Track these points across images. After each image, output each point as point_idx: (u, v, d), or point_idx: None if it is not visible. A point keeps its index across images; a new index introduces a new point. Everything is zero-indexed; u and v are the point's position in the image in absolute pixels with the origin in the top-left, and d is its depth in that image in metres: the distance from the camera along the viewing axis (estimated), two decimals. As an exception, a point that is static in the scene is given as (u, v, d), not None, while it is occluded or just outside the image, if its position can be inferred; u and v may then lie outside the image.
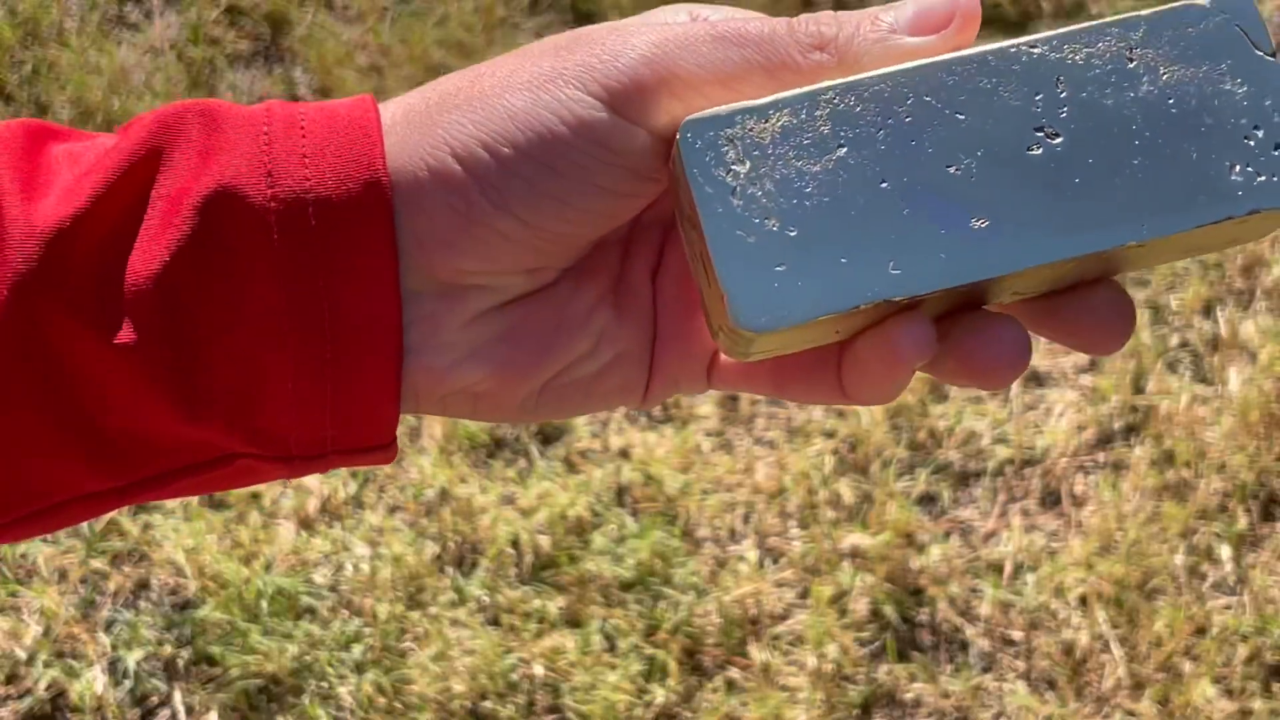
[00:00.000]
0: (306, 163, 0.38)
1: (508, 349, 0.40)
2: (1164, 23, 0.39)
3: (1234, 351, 1.52)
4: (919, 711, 1.36)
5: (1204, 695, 1.33)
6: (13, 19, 1.77)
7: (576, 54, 0.39)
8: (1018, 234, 0.38)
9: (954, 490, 1.48)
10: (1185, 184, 0.38)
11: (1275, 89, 0.39)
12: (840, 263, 0.37)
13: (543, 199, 0.38)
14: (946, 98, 0.38)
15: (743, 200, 0.38)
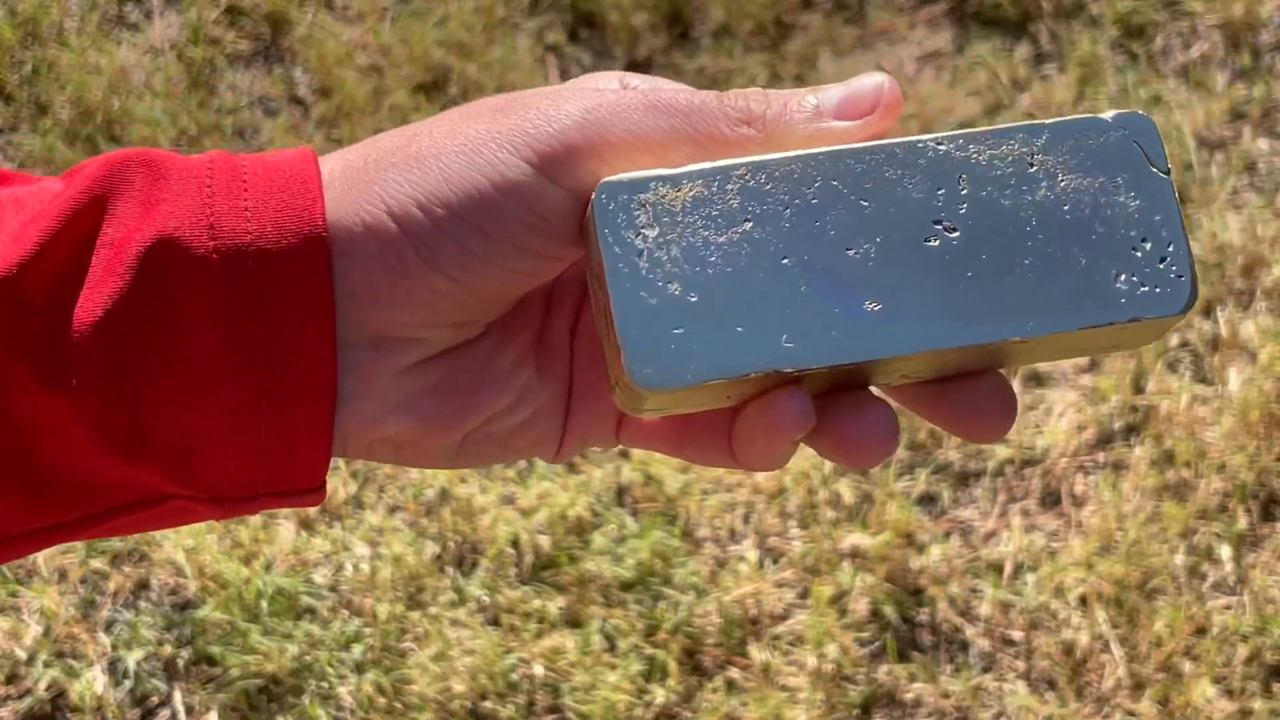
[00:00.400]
0: (248, 216, 0.39)
1: (434, 402, 0.42)
2: (1067, 132, 0.41)
3: (1234, 351, 1.52)
4: (919, 711, 1.36)
5: (1204, 695, 1.33)
6: (13, 19, 1.77)
7: (511, 118, 0.40)
8: (908, 320, 0.40)
9: (954, 490, 1.48)
10: (1072, 287, 0.40)
11: (1166, 205, 0.41)
12: (736, 331, 0.39)
13: (472, 259, 0.40)
14: (853, 184, 0.40)
15: (649, 263, 0.40)
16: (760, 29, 1.77)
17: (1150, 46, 1.74)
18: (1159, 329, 0.41)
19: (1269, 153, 1.67)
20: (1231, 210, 1.62)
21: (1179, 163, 1.65)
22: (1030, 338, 0.40)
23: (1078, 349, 0.43)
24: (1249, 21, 1.73)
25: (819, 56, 1.76)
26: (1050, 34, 1.75)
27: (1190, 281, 0.41)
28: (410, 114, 1.69)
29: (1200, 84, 1.70)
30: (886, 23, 1.78)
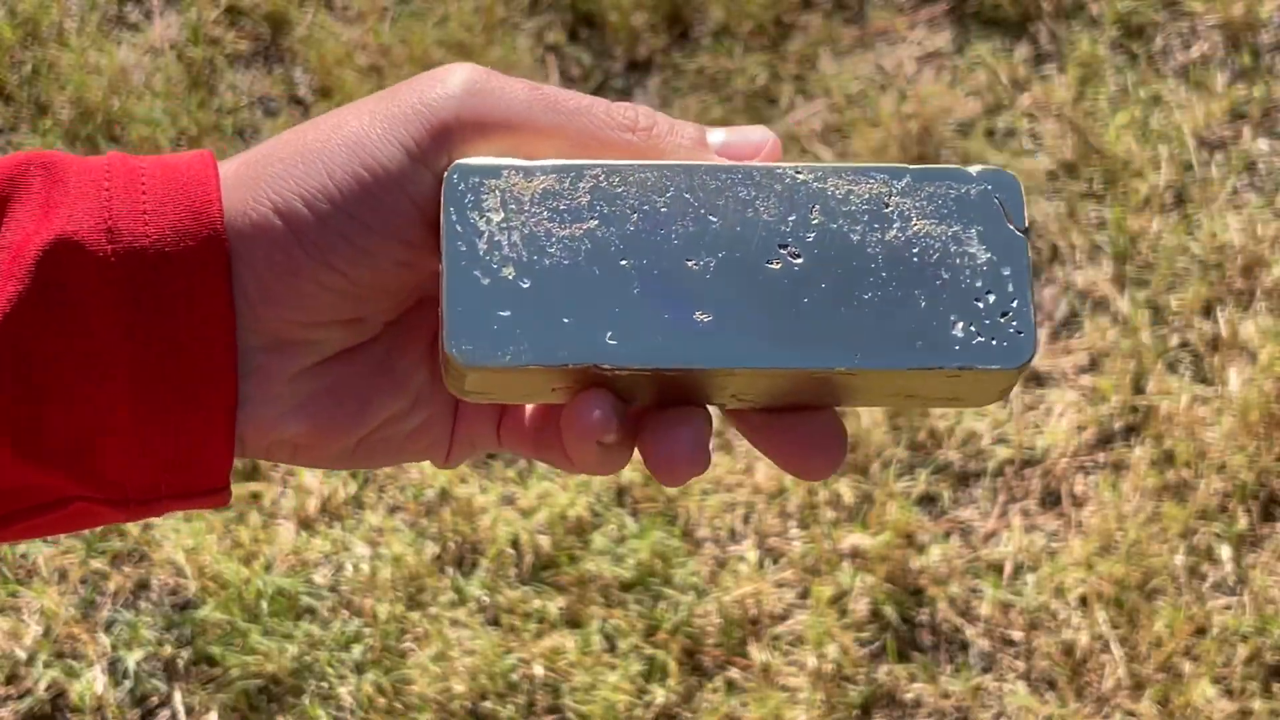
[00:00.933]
0: (146, 219, 0.39)
1: (331, 404, 0.42)
2: (928, 179, 0.42)
3: (1234, 352, 1.52)
4: (919, 712, 1.36)
5: (1204, 695, 1.33)
6: (13, 19, 1.77)
7: (390, 104, 0.41)
8: (736, 337, 0.40)
9: (954, 490, 1.48)
10: (908, 328, 0.40)
11: (1016, 262, 0.41)
12: (561, 322, 0.40)
13: (358, 253, 0.40)
14: (705, 199, 0.41)
15: (488, 244, 0.40)
16: (760, 29, 1.77)
17: (1150, 46, 1.74)
18: (996, 383, 0.41)
19: (1269, 153, 1.67)
20: (1231, 210, 1.62)
21: (1179, 163, 1.65)
22: (856, 370, 0.40)
23: (912, 395, 0.43)
24: (1249, 21, 1.74)
25: (819, 56, 1.76)
26: (1050, 34, 1.75)
27: (1030, 339, 0.41)
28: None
29: (1200, 84, 1.70)
30: (886, 23, 1.78)
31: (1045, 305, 1.59)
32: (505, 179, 0.41)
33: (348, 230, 0.40)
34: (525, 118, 0.41)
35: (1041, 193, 1.64)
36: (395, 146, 0.40)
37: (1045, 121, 1.69)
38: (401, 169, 0.40)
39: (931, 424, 1.50)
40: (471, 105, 0.40)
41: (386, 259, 0.40)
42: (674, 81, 1.74)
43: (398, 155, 0.40)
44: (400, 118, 0.40)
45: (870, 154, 1.67)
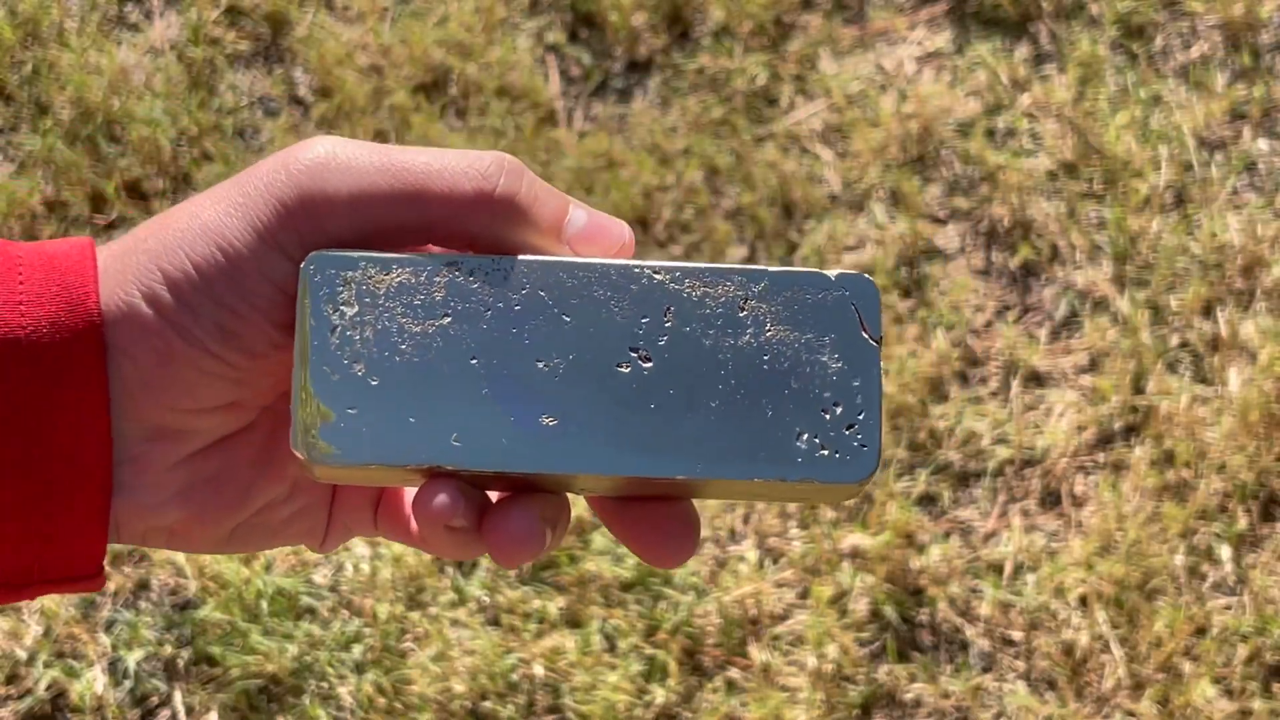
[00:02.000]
0: (22, 310, 0.39)
1: (209, 493, 0.42)
2: (786, 283, 0.41)
3: (1234, 352, 1.52)
4: (919, 712, 1.36)
5: (1204, 695, 1.33)
6: (13, 19, 1.77)
7: (246, 185, 0.40)
8: (581, 441, 0.40)
9: (954, 490, 1.48)
10: (752, 438, 0.40)
11: (868, 373, 0.41)
12: (408, 421, 0.40)
13: (226, 335, 0.40)
14: (559, 296, 0.41)
15: (339, 340, 0.40)
16: (760, 29, 1.77)
17: (1150, 46, 1.74)
18: (837, 495, 0.41)
19: (1269, 153, 1.67)
20: (1231, 210, 1.62)
21: (1179, 163, 1.65)
22: (697, 479, 0.41)
23: (758, 495, 0.43)
24: (1249, 21, 1.74)
25: (819, 56, 1.76)
26: (1050, 34, 1.75)
27: (873, 454, 0.41)
28: (410, 114, 1.69)
29: (1200, 84, 1.70)
30: (886, 22, 1.78)
31: (1045, 305, 1.59)
32: (362, 272, 0.40)
33: (213, 313, 0.40)
34: (371, 189, 0.40)
35: (1042, 193, 1.64)
36: (246, 227, 0.40)
37: (1045, 121, 1.69)
38: (253, 250, 0.40)
39: (931, 424, 1.50)
40: (316, 182, 0.40)
41: (256, 340, 0.40)
42: (674, 81, 1.74)
43: (248, 236, 0.40)
44: (250, 198, 0.40)
45: (870, 154, 1.67)
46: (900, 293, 1.59)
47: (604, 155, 1.67)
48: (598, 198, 1.64)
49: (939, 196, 1.66)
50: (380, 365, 0.40)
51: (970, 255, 1.62)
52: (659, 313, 0.41)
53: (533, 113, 1.71)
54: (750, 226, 1.63)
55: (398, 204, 0.40)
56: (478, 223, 0.41)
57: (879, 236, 1.62)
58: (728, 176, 1.66)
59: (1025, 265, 1.61)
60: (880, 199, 1.65)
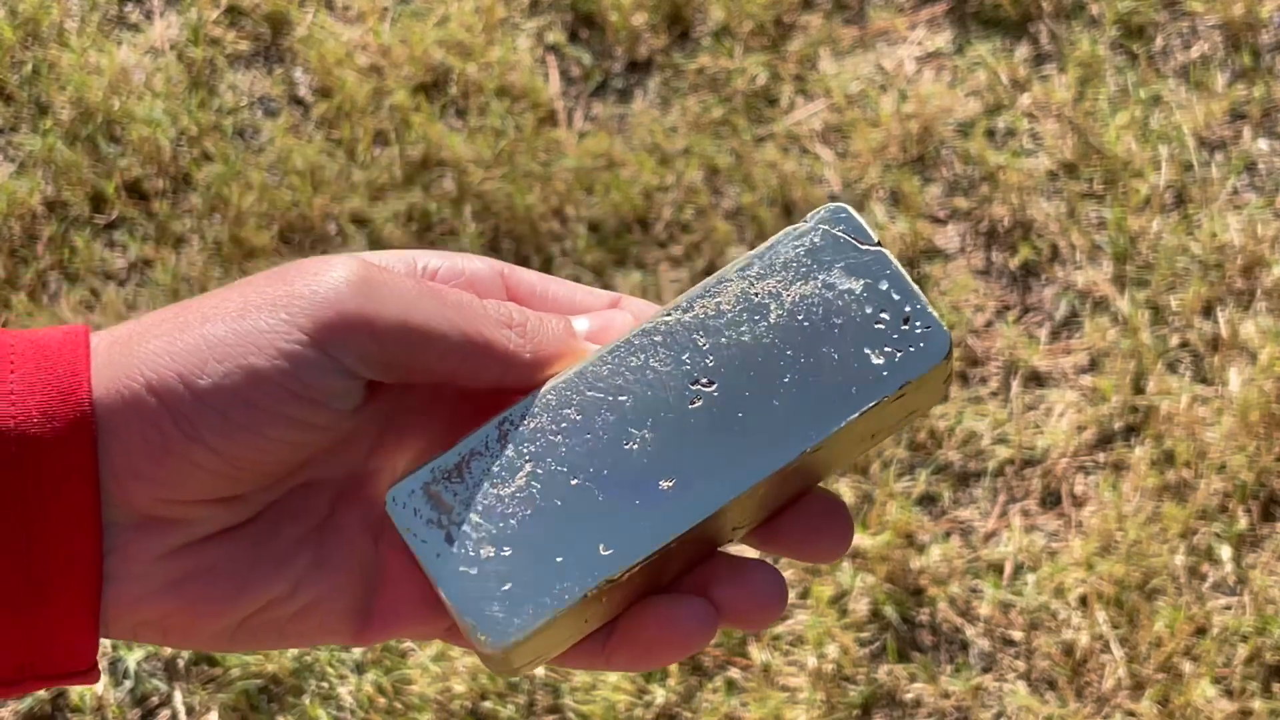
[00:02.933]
0: (13, 399, 0.39)
1: (201, 586, 0.41)
2: (773, 252, 0.43)
3: (1234, 352, 1.52)
4: (919, 712, 1.36)
5: (1204, 695, 1.33)
6: (13, 19, 1.77)
7: (281, 285, 0.40)
8: (705, 480, 0.41)
9: (954, 490, 1.48)
10: (836, 382, 0.42)
11: (886, 274, 0.43)
12: (556, 562, 0.41)
13: (236, 429, 0.39)
14: (606, 386, 0.42)
15: (456, 540, 0.41)
16: (760, 29, 1.77)
17: (1150, 47, 1.74)
18: (934, 382, 0.43)
19: (1269, 153, 1.67)
20: (1231, 210, 1.62)
21: (1179, 163, 1.65)
22: (820, 443, 0.42)
23: (872, 433, 0.44)
24: (1249, 22, 1.74)
25: (819, 56, 1.76)
26: (1050, 34, 1.75)
27: (940, 329, 0.42)
28: (410, 114, 1.69)
29: (1200, 84, 1.70)
30: (886, 23, 1.78)
31: (1045, 305, 1.59)
32: (435, 477, 0.42)
33: (226, 405, 0.39)
34: (414, 314, 0.41)
35: (1042, 193, 1.64)
36: (282, 321, 0.40)
37: (1045, 121, 1.69)
38: (287, 343, 0.39)
39: (931, 424, 1.50)
40: (360, 301, 0.40)
41: (265, 436, 0.40)
42: (674, 81, 1.75)
43: (284, 329, 0.40)
44: (287, 294, 0.40)
45: (870, 154, 1.67)
46: (900, 293, 1.59)
47: (604, 155, 1.67)
48: (598, 198, 1.64)
49: (939, 196, 1.66)
50: (502, 537, 0.41)
51: (970, 255, 1.62)
52: (692, 343, 0.43)
53: (533, 113, 1.71)
54: (750, 226, 1.64)
55: (436, 332, 0.41)
56: (506, 352, 0.43)
57: (879, 236, 1.62)
58: (728, 176, 1.66)
59: (1025, 265, 1.61)
60: (880, 199, 1.65)
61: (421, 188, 1.66)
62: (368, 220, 1.64)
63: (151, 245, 1.63)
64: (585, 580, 0.41)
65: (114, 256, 1.64)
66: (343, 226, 1.64)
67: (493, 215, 1.64)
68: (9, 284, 1.61)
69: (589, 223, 1.64)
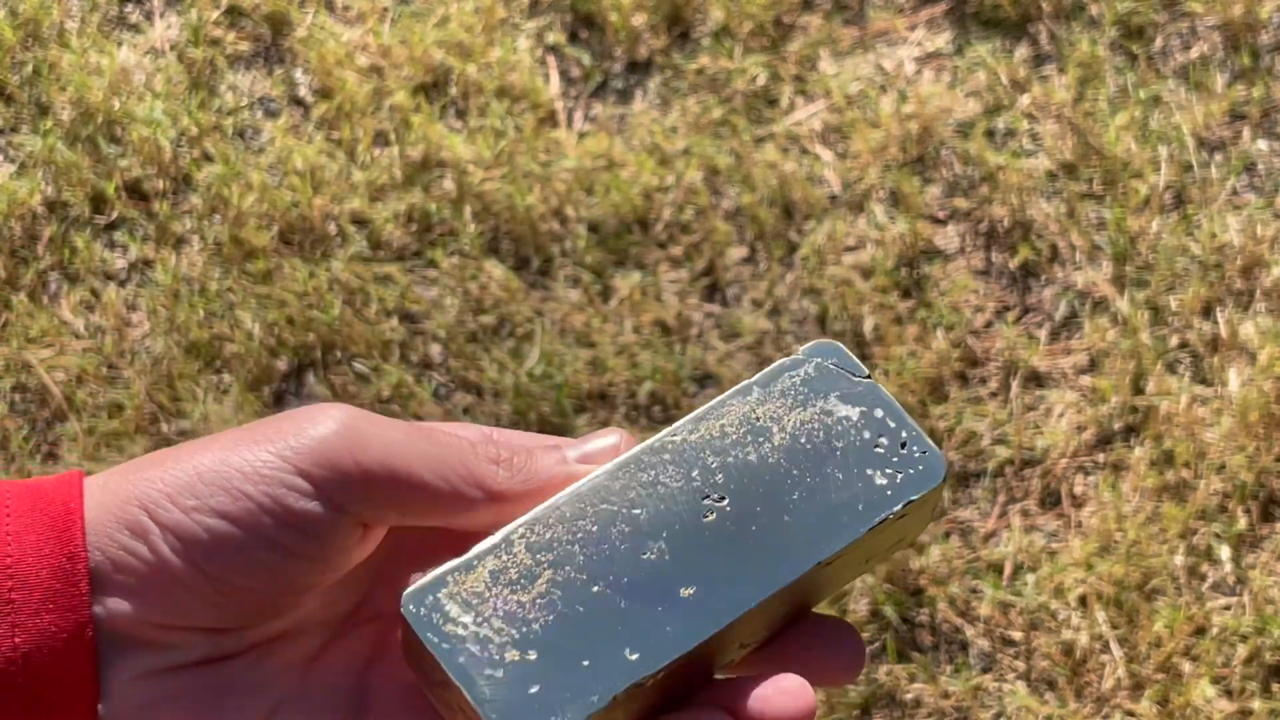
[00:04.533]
0: (9, 539, 0.40)
1: (173, 712, 0.42)
2: (772, 380, 0.46)
3: (1234, 352, 1.52)
4: (919, 712, 1.36)
5: (1203, 695, 1.33)
6: (13, 20, 1.78)
7: (272, 428, 0.42)
8: (726, 588, 0.43)
9: (953, 490, 1.48)
10: (843, 500, 0.44)
11: (882, 403, 0.45)
12: (583, 666, 0.42)
13: (223, 550, 0.40)
14: (619, 500, 0.44)
15: (479, 644, 0.42)
16: (760, 29, 1.77)
17: (1150, 47, 1.74)
18: (929, 506, 0.45)
19: (1269, 153, 1.67)
20: (1231, 210, 1.62)
21: (1179, 163, 1.65)
22: (834, 555, 0.43)
23: (871, 557, 0.46)
24: (1249, 22, 1.74)
25: (819, 57, 1.76)
26: (1050, 34, 1.75)
27: (936, 453, 0.45)
28: (410, 114, 1.70)
29: (1200, 84, 1.71)
30: (886, 23, 1.78)
31: (1045, 305, 1.59)
32: (453, 581, 0.43)
33: (214, 526, 0.40)
34: (400, 459, 0.42)
35: (1041, 193, 1.64)
36: (272, 460, 0.41)
37: (1045, 122, 1.69)
38: (269, 471, 0.41)
39: (931, 424, 1.51)
40: (347, 447, 0.41)
41: (252, 560, 0.41)
42: (674, 82, 1.75)
43: (267, 459, 0.41)
44: (277, 440, 0.41)
45: (870, 154, 1.67)
46: (900, 293, 1.59)
47: (604, 155, 1.67)
48: (598, 198, 1.64)
49: (939, 197, 1.66)
50: (526, 641, 0.42)
51: (970, 255, 1.62)
52: (701, 463, 0.44)
53: (533, 113, 1.71)
54: (750, 227, 1.64)
55: (425, 467, 0.42)
56: (495, 487, 0.43)
57: (879, 237, 1.62)
58: (728, 177, 1.67)
59: (1025, 265, 1.61)
60: (880, 199, 1.65)
61: (421, 188, 1.66)
62: (368, 220, 1.64)
63: (151, 246, 1.64)
64: (614, 684, 0.41)
65: (114, 257, 1.64)
66: (343, 227, 1.64)
67: (493, 216, 1.64)
68: (9, 284, 1.61)
69: (589, 223, 1.64)
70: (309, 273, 1.60)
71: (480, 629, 0.42)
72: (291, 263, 1.61)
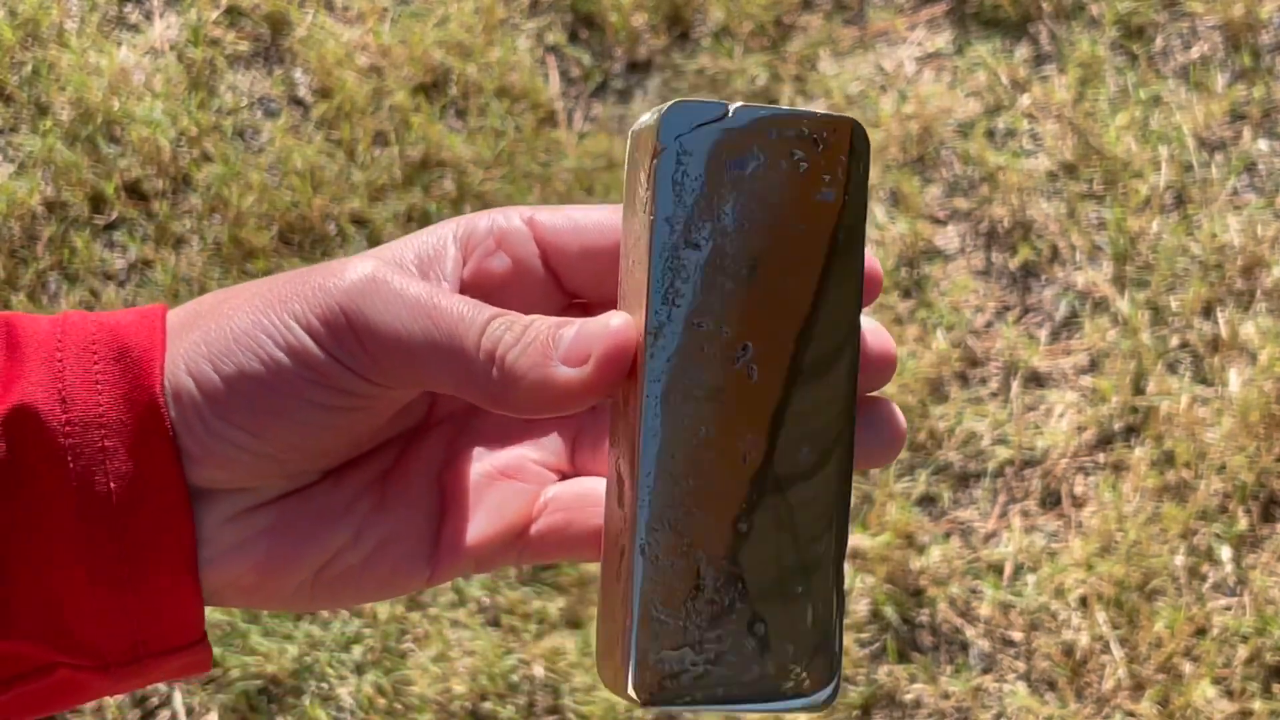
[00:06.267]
0: (98, 389, 0.41)
1: (266, 545, 0.43)
2: (662, 187, 0.41)
3: (1234, 352, 1.52)
4: (919, 713, 1.36)
5: (1204, 696, 1.33)
6: (13, 20, 1.77)
7: (300, 282, 0.42)
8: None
9: (954, 491, 1.48)
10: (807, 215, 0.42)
11: (764, 122, 0.41)
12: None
13: (263, 414, 0.41)
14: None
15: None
16: (760, 30, 1.77)
17: (1150, 47, 1.74)
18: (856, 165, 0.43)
19: (1269, 153, 1.67)
20: (1231, 211, 1.62)
21: (1179, 163, 1.65)
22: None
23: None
24: (1249, 22, 1.74)
25: (819, 57, 1.76)
26: (1050, 34, 1.75)
27: (841, 118, 0.43)
28: (410, 114, 1.69)
29: (1200, 84, 1.70)
30: (886, 23, 1.78)
31: (1045, 306, 1.59)
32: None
33: (252, 391, 0.41)
34: (398, 325, 0.41)
35: (1042, 193, 1.64)
36: (289, 316, 0.41)
37: (1045, 122, 1.69)
38: (293, 336, 0.41)
39: (931, 424, 1.50)
40: (355, 308, 0.41)
41: (294, 419, 0.42)
42: (674, 82, 1.75)
43: (290, 323, 0.41)
44: (299, 296, 0.42)
45: (870, 155, 1.67)
46: (900, 293, 1.59)
47: (604, 156, 1.67)
48: (598, 198, 1.64)
49: (939, 197, 1.66)
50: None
51: (970, 256, 1.62)
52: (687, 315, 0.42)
53: (533, 113, 1.71)
54: (750, 227, 1.63)
55: (424, 347, 0.42)
56: (490, 384, 0.42)
57: (879, 237, 1.62)
58: (728, 177, 1.66)
59: (1025, 266, 1.61)
60: (880, 199, 1.65)
61: (421, 188, 1.66)
62: (367, 221, 1.64)
63: (151, 246, 1.63)
64: None
65: (114, 257, 1.64)
66: (342, 227, 1.64)
67: (493, 216, 1.64)
68: (9, 284, 1.61)
69: (589, 223, 1.64)
70: (309, 273, 1.60)
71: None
72: (291, 263, 1.61)
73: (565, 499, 0.46)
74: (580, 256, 0.45)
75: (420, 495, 0.46)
